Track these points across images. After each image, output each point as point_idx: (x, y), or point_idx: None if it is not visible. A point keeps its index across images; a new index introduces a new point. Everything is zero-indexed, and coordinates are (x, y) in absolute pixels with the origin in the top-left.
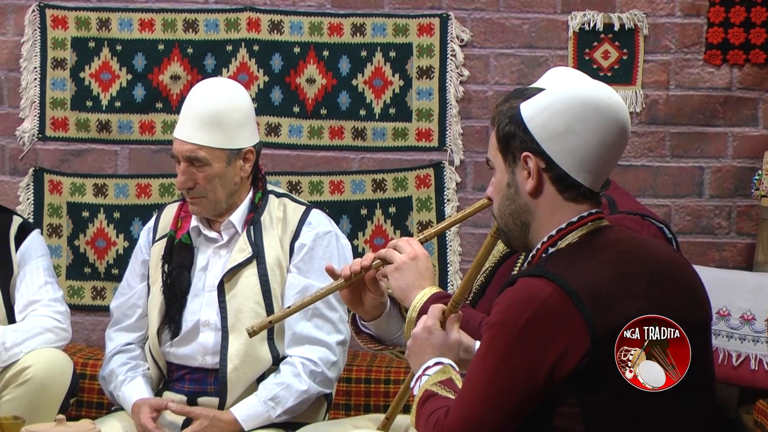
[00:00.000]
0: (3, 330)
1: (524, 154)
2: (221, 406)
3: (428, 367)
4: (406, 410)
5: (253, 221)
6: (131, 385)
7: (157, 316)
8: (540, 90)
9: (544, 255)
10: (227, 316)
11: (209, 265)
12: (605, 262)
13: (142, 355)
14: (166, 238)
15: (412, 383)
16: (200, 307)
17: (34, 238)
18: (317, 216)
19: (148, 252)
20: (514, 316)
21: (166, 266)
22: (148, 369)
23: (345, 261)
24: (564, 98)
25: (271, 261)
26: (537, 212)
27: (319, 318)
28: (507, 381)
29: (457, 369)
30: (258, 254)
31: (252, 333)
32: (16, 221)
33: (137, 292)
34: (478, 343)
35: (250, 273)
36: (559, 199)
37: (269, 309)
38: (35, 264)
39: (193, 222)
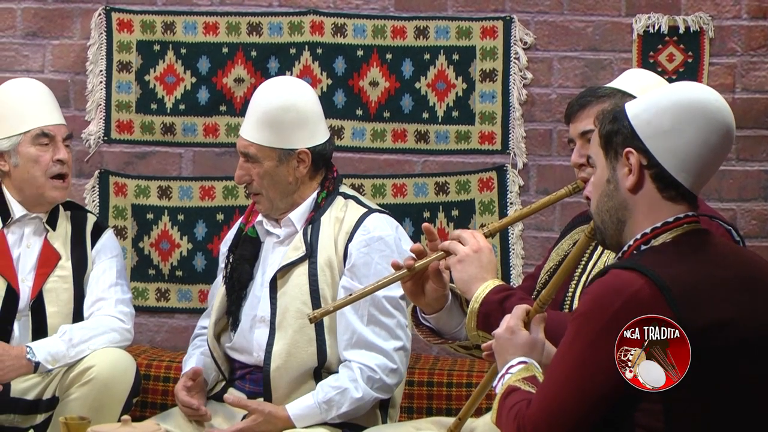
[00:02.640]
0: (70, 328)
1: (626, 149)
2: None
3: (511, 366)
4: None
5: (313, 220)
6: (188, 361)
7: (218, 307)
8: (614, 90)
9: (635, 252)
10: (276, 312)
11: (268, 260)
12: (699, 262)
13: None
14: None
15: (495, 382)
16: (258, 302)
17: (110, 238)
18: (375, 220)
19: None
20: (603, 306)
21: (230, 257)
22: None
23: None
24: (671, 97)
25: (322, 261)
26: (634, 209)
27: (375, 325)
28: (591, 372)
29: (540, 369)
30: (311, 254)
31: (312, 319)
32: (91, 219)
33: (218, 281)
34: None
35: (301, 272)
36: (657, 197)
37: (316, 309)
38: (108, 263)
39: (260, 217)
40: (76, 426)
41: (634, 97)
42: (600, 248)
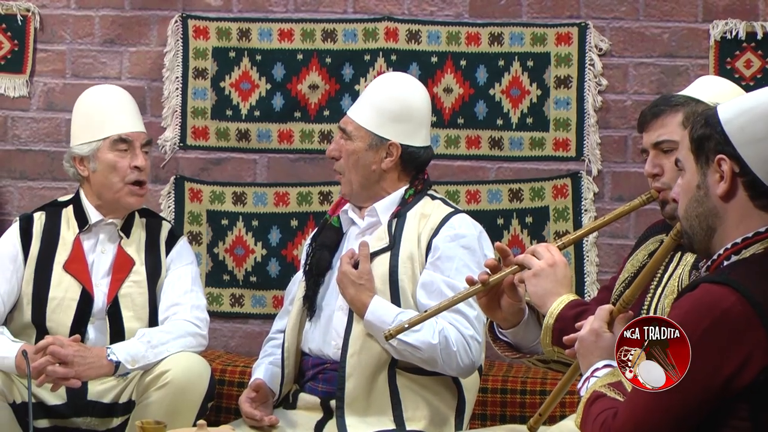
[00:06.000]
0: (148, 331)
1: (718, 156)
2: (340, 396)
3: (597, 369)
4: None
5: (399, 214)
6: (257, 370)
7: (298, 297)
8: (688, 98)
9: (725, 262)
10: None
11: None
12: None
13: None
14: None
15: (580, 384)
16: (338, 291)
17: (184, 245)
18: (461, 219)
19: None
20: (693, 321)
21: (312, 245)
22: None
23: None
24: (765, 103)
25: (404, 254)
26: (725, 217)
27: (454, 312)
28: (681, 387)
29: None
30: (393, 245)
31: (388, 336)
32: (166, 226)
33: (297, 277)
34: None
35: (382, 262)
36: (749, 206)
37: (395, 301)
38: (184, 270)
39: (347, 206)
40: (152, 430)
41: (708, 105)
42: (676, 259)
